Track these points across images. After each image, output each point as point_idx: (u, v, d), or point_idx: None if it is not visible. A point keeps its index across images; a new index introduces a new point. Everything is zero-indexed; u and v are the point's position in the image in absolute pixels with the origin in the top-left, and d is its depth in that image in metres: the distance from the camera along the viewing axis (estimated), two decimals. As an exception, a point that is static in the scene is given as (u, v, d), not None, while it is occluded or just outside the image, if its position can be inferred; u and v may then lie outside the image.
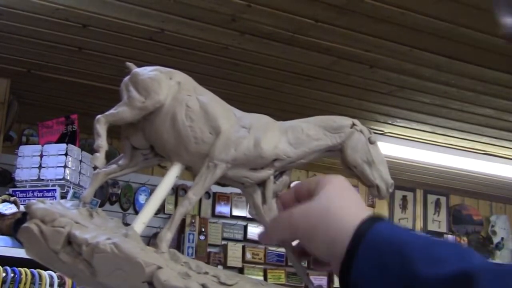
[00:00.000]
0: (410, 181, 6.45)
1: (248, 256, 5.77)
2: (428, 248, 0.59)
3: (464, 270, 0.55)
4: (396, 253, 0.60)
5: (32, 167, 3.65)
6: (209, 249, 5.64)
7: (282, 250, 5.95)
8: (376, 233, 0.63)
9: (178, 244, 5.42)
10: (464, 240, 6.68)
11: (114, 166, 1.04)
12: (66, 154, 3.62)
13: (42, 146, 3.75)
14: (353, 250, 0.63)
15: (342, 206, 0.70)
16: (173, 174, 1.01)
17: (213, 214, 5.77)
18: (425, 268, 0.57)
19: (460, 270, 0.55)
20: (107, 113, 1.03)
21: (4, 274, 2.95)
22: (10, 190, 3.67)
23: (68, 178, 3.59)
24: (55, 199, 3.42)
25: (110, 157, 1.06)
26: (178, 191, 5.52)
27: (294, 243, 0.86)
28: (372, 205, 6.52)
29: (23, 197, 3.52)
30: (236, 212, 5.82)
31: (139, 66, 1.15)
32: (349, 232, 0.65)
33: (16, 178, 3.69)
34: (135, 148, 1.05)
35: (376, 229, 0.64)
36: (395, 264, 0.59)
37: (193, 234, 5.51)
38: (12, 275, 2.98)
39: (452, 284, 0.55)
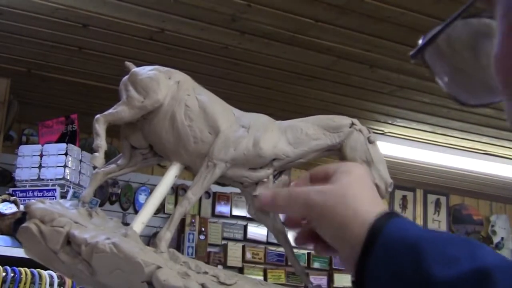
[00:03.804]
0: (410, 181, 6.44)
1: (248, 255, 5.77)
2: (442, 247, 0.58)
3: (478, 268, 0.54)
4: (410, 254, 0.59)
5: (32, 167, 3.65)
6: (209, 249, 5.64)
7: (282, 250, 5.94)
8: (392, 231, 0.63)
9: (178, 244, 5.42)
10: (464, 240, 6.67)
11: (113, 165, 1.05)
12: (66, 154, 3.62)
13: (42, 145, 3.75)
14: (369, 246, 0.63)
15: (361, 195, 0.70)
16: (172, 174, 1.01)
17: (213, 214, 5.77)
18: (439, 269, 0.56)
19: (474, 269, 0.54)
20: (106, 112, 1.03)
21: (4, 274, 2.95)
22: (10, 189, 3.67)
23: (68, 178, 3.59)
24: (55, 198, 3.42)
25: (110, 156, 1.06)
26: (178, 191, 5.52)
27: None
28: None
29: (23, 197, 3.52)
30: (236, 212, 5.82)
31: (139, 65, 1.16)
32: (363, 223, 0.65)
33: (16, 178, 3.69)
34: (134, 147, 1.05)
35: (392, 226, 0.63)
36: (409, 266, 0.58)
37: (193, 234, 5.50)
38: (12, 274, 2.98)
39: (467, 283, 0.54)
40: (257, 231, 5.81)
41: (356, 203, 0.68)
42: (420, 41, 0.58)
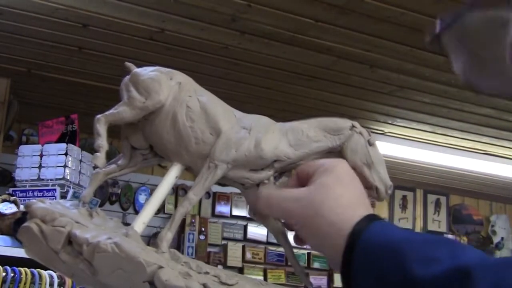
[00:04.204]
0: (410, 181, 6.45)
1: (248, 256, 5.78)
2: (423, 248, 0.58)
3: (458, 267, 0.54)
4: (391, 257, 0.59)
5: (32, 167, 3.65)
6: (209, 249, 5.64)
7: (282, 250, 5.94)
8: (371, 235, 0.62)
9: (178, 244, 5.42)
10: (464, 240, 6.68)
11: (113, 166, 1.05)
12: (66, 154, 3.62)
13: (42, 145, 3.75)
14: (349, 255, 0.62)
15: (340, 199, 0.68)
16: (173, 174, 1.01)
17: (213, 214, 5.77)
18: (420, 270, 0.56)
19: (455, 267, 0.55)
20: (107, 113, 1.03)
21: (4, 274, 2.95)
22: (10, 189, 3.67)
23: (68, 178, 3.59)
24: (55, 199, 3.42)
25: (111, 157, 1.06)
26: (178, 191, 5.52)
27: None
28: (372, 205, 6.52)
29: (23, 197, 3.52)
30: (236, 212, 5.82)
31: (140, 66, 1.15)
32: (340, 231, 0.64)
33: (16, 178, 3.69)
34: (134, 148, 1.05)
35: (371, 230, 0.63)
36: (391, 269, 0.58)
37: (193, 234, 5.51)
38: (12, 274, 2.98)
39: (448, 282, 0.54)
40: (257, 231, 5.81)
41: (333, 210, 0.66)
42: (437, 26, 0.58)
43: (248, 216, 6.02)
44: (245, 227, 5.83)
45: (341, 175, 0.72)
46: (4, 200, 3.27)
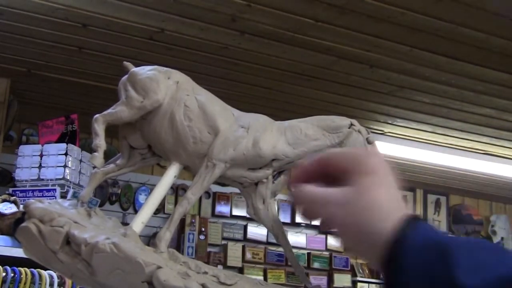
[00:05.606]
0: (410, 181, 6.44)
1: (248, 256, 5.77)
2: (470, 254, 0.56)
3: (508, 276, 0.52)
4: (438, 260, 0.56)
5: (32, 167, 3.65)
6: (209, 249, 5.64)
7: (282, 250, 5.92)
8: (418, 237, 0.59)
9: (178, 244, 5.42)
10: (464, 240, 6.68)
11: (112, 165, 1.05)
12: (66, 154, 3.62)
13: (42, 145, 3.75)
14: (396, 253, 0.59)
15: (386, 203, 0.63)
16: (171, 174, 1.01)
17: (213, 214, 5.77)
18: (467, 277, 0.53)
19: (504, 277, 0.52)
20: (105, 112, 1.03)
21: (4, 274, 2.95)
22: (10, 189, 3.67)
23: (68, 178, 3.59)
24: (55, 198, 3.41)
25: (110, 156, 1.06)
26: (178, 191, 5.52)
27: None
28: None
29: (23, 197, 3.52)
30: (236, 212, 5.82)
31: (139, 65, 1.15)
32: (387, 236, 0.60)
33: (16, 178, 3.69)
34: (133, 147, 1.05)
35: (418, 231, 0.59)
36: (437, 272, 0.55)
37: (193, 234, 5.50)
38: (12, 274, 2.98)
39: None
40: (257, 231, 5.81)
41: (383, 216, 0.62)
42: None
43: (248, 216, 5.97)
44: (245, 227, 5.83)
45: (385, 177, 0.67)
46: (4, 200, 3.27)
